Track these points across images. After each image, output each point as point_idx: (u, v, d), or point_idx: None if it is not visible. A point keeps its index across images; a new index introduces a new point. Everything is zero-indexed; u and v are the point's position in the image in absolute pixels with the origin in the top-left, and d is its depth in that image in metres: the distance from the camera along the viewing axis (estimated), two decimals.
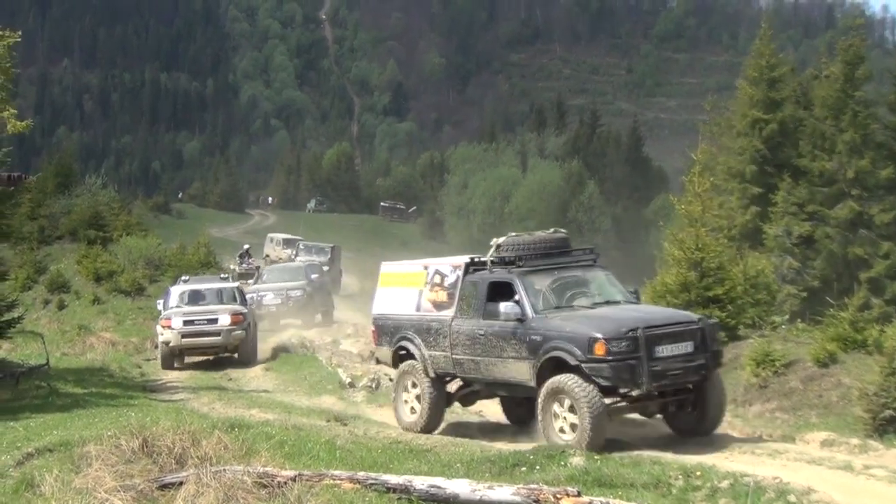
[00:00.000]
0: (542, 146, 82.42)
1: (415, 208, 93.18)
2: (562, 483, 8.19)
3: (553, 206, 68.57)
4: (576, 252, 12.44)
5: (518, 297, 11.26)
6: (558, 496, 7.19)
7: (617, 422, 11.10)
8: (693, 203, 16.92)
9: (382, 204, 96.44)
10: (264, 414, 14.00)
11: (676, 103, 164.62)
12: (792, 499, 8.06)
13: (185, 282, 23.23)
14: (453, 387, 12.84)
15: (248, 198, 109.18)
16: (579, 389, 10.24)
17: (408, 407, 12.76)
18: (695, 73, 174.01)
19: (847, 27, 46.20)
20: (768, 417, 13.07)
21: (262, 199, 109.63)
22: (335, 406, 15.39)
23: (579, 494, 7.26)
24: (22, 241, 35.15)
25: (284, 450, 9.68)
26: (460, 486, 7.60)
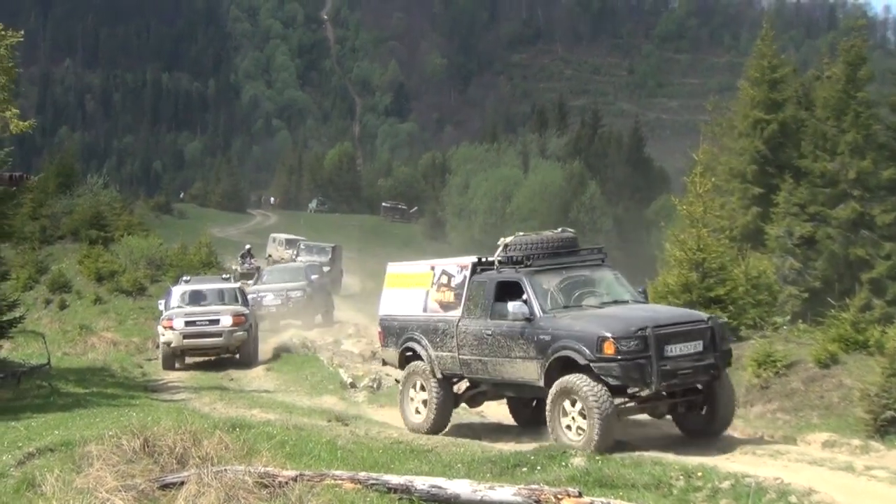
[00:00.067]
0: (544, 147, 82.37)
1: (416, 208, 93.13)
2: (563, 483, 8.19)
3: (554, 207, 68.49)
4: (584, 252, 12.39)
5: (526, 297, 11.20)
6: (559, 496, 7.20)
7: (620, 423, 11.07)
8: (694, 203, 16.88)
9: (384, 204, 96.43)
10: (265, 414, 13.99)
11: (678, 104, 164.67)
12: (793, 500, 8.06)
13: (186, 282, 23.16)
14: (460, 388, 12.77)
15: (249, 198, 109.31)
16: (588, 389, 10.19)
17: (415, 408, 12.69)
18: (696, 74, 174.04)
19: (849, 28, 46.24)
20: (769, 418, 13.05)
21: (265, 199, 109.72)
22: (336, 406, 15.36)
23: (580, 495, 7.26)
24: (23, 240, 35.11)
25: (286, 450, 9.68)
26: (461, 487, 7.60)
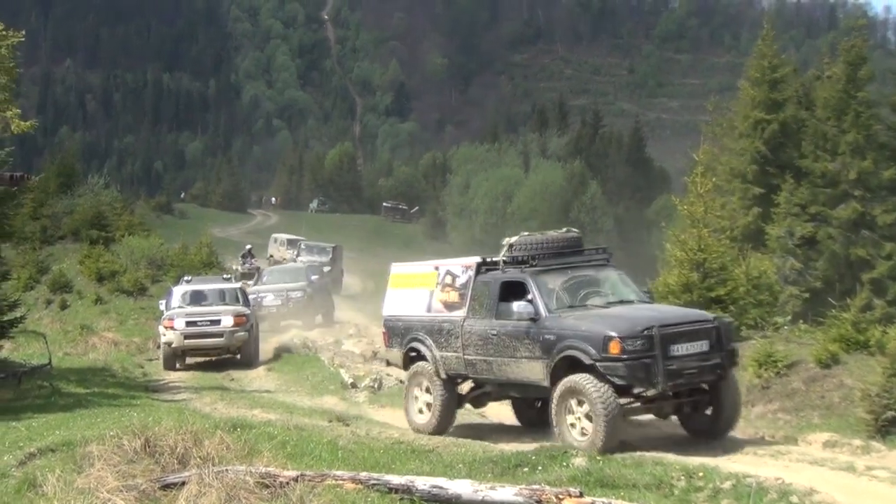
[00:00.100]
0: (545, 146, 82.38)
1: (417, 208, 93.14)
2: (564, 483, 8.18)
3: (555, 207, 68.51)
4: (588, 252, 12.39)
5: (531, 297, 11.17)
6: (560, 497, 7.19)
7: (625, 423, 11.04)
8: (695, 204, 16.88)
9: (385, 204, 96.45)
10: (266, 414, 13.99)
11: (678, 104, 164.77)
12: (794, 500, 8.05)
13: (187, 282, 23.17)
14: (465, 388, 12.74)
15: (250, 198, 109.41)
16: (594, 389, 10.15)
17: (419, 409, 12.65)
18: (697, 74, 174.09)
19: (849, 28, 46.24)
20: (770, 418, 13.04)
21: (265, 199, 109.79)
22: (337, 406, 15.36)
23: (581, 495, 7.25)
24: (24, 240, 35.13)
25: (286, 450, 9.68)
26: (462, 487, 7.59)
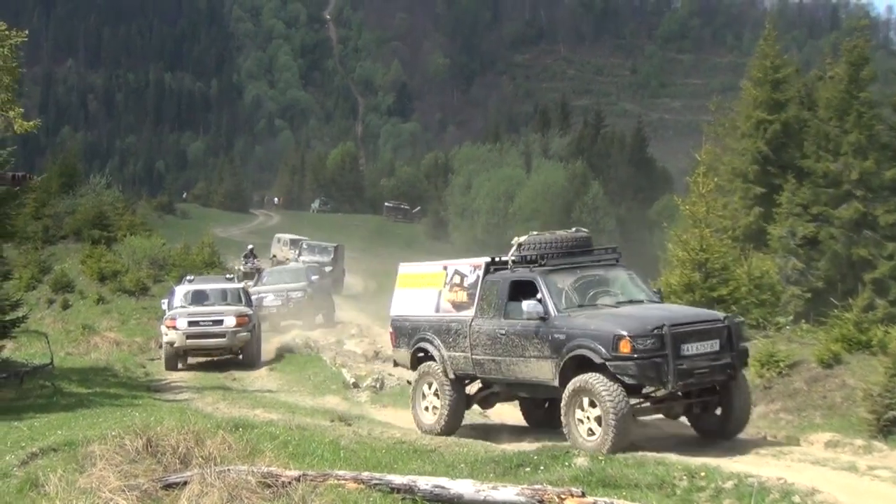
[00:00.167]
0: (547, 146, 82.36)
1: (419, 208, 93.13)
2: (566, 483, 8.19)
3: (557, 207, 68.45)
4: (598, 251, 12.37)
5: (540, 296, 11.13)
6: (562, 496, 7.19)
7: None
8: (697, 204, 16.89)
9: (386, 204, 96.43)
10: (268, 414, 14.00)
11: (681, 104, 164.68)
12: (796, 499, 8.05)
13: (189, 282, 23.14)
14: (473, 388, 12.70)
15: (252, 198, 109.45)
16: (604, 388, 10.12)
17: (427, 409, 12.62)
18: (699, 74, 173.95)
19: (851, 28, 46.08)
20: (772, 418, 13.02)
21: (267, 199, 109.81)
22: (339, 406, 15.36)
23: (583, 495, 7.25)
24: (26, 240, 35.04)
25: (288, 450, 9.68)
26: (464, 487, 7.59)
